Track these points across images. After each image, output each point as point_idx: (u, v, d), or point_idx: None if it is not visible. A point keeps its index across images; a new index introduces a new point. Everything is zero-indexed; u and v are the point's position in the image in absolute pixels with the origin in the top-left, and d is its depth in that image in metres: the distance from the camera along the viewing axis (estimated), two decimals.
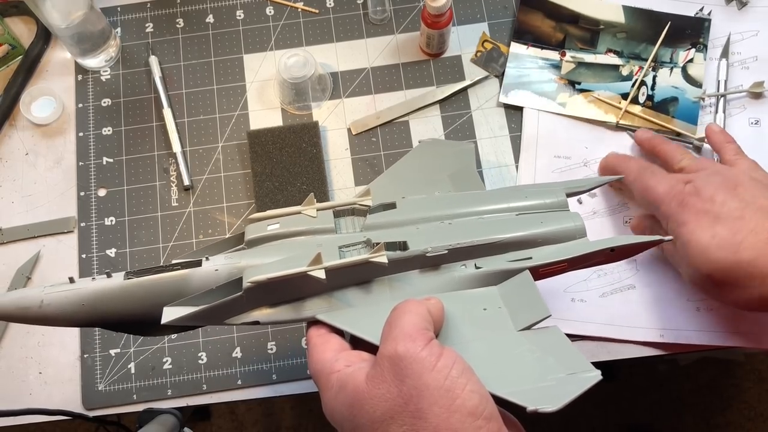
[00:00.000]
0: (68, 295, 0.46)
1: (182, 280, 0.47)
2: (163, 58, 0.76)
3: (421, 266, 0.49)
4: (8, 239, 0.71)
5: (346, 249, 0.49)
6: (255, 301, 0.47)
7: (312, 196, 0.52)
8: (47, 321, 0.47)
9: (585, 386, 0.41)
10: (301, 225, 0.50)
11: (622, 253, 0.52)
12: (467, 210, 0.53)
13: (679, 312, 0.65)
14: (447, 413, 0.37)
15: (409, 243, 0.48)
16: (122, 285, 0.47)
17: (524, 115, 0.72)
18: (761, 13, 0.75)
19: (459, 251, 0.49)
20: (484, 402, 0.38)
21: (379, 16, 0.77)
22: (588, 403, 1.37)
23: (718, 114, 0.71)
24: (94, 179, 0.72)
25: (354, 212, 0.53)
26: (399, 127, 0.73)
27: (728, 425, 1.38)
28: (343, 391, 0.41)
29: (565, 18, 0.75)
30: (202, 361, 0.67)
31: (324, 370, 0.43)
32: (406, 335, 0.40)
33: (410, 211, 0.52)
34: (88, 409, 0.66)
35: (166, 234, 0.70)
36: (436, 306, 0.44)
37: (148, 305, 0.47)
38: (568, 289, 0.67)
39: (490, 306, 0.48)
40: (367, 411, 0.39)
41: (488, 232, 0.50)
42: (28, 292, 0.46)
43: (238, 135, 0.74)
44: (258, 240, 0.50)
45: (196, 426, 1.37)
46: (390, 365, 0.39)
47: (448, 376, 0.38)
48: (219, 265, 0.48)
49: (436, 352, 0.39)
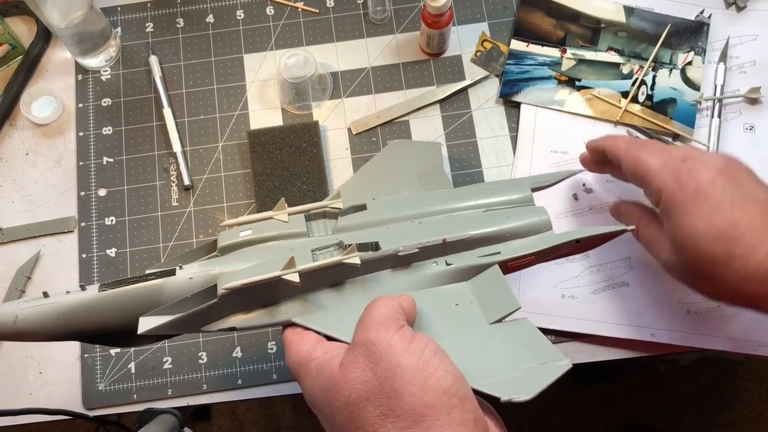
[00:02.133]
0: (43, 310, 0.46)
1: (157, 289, 0.47)
2: (164, 58, 0.76)
3: (393, 265, 0.50)
4: (8, 239, 0.71)
5: (319, 252, 0.50)
6: (231, 308, 0.47)
7: (283, 200, 0.52)
8: (23, 336, 0.47)
9: (556, 375, 0.42)
10: (273, 230, 0.51)
11: (588, 244, 0.54)
12: (436, 208, 0.54)
13: (670, 313, 0.65)
14: (421, 391, 0.37)
15: (381, 243, 0.49)
16: (97, 297, 0.47)
17: (522, 111, 0.73)
18: (760, 18, 0.75)
19: (430, 249, 0.50)
20: (458, 382, 0.39)
21: (380, 15, 0.77)
22: (588, 403, 1.37)
23: (713, 119, 0.71)
24: (95, 179, 0.72)
25: (325, 215, 0.54)
26: (399, 126, 0.73)
27: (728, 425, 1.38)
28: (320, 377, 0.41)
29: (566, 16, 0.75)
30: (203, 361, 0.67)
31: (303, 359, 0.43)
32: (377, 323, 0.41)
33: (381, 211, 0.53)
34: (88, 409, 0.66)
35: (167, 234, 0.70)
36: (408, 301, 0.45)
37: (123, 316, 0.47)
38: (558, 285, 0.67)
39: (461, 301, 0.49)
40: (342, 394, 0.39)
41: (457, 229, 0.51)
42: (3, 308, 0.46)
43: (239, 135, 0.74)
44: (231, 246, 0.50)
45: (196, 426, 1.37)
46: (363, 350, 0.40)
47: (421, 356, 0.39)
48: (193, 273, 0.48)
49: (408, 335, 0.40)
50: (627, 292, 0.66)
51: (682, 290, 0.66)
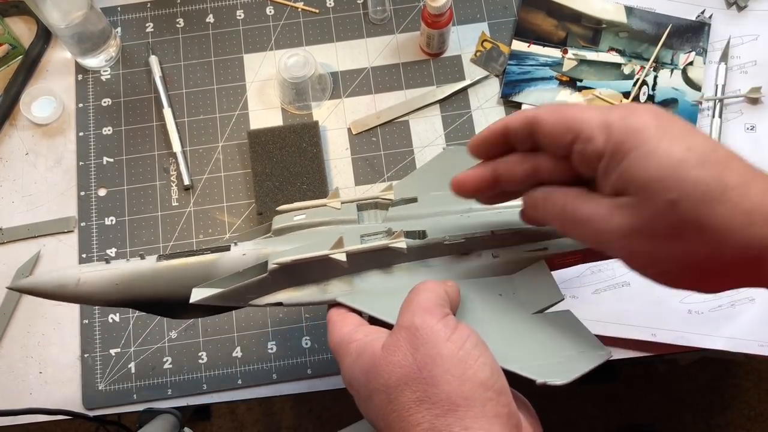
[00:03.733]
0: (104, 275, 0.48)
1: (211, 263, 0.49)
2: (163, 58, 0.76)
3: (440, 254, 0.51)
4: (8, 239, 0.71)
5: (368, 237, 0.51)
6: (279, 283, 0.49)
7: (337, 189, 0.54)
8: (82, 299, 0.49)
9: (594, 363, 0.42)
10: (325, 216, 0.52)
11: None
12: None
13: (671, 313, 0.65)
14: (459, 381, 0.37)
15: (428, 232, 0.50)
16: (154, 267, 0.49)
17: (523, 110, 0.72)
18: (761, 18, 0.75)
19: (477, 240, 0.50)
20: (495, 375, 0.39)
21: (379, 15, 0.77)
22: (588, 403, 1.37)
23: (714, 119, 0.71)
24: (95, 179, 0.72)
25: (377, 206, 0.55)
26: (399, 126, 0.73)
27: (728, 425, 1.38)
28: (360, 358, 0.42)
29: (567, 17, 0.75)
30: (203, 361, 0.67)
31: (344, 340, 0.44)
32: (423, 309, 0.41)
33: (431, 204, 0.54)
34: (88, 409, 0.66)
35: (167, 234, 0.70)
36: (453, 288, 0.45)
37: (178, 287, 0.49)
38: (560, 284, 0.66)
39: (505, 292, 0.50)
40: (382, 376, 0.39)
41: (506, 223, 0.51)
42: (67, 271, 0.48)
43: (238, 135, 0.74)
44: (284, 229, 0.52)
45: (196, 426, 1.37)
46: (406, 335, 0.40)
47: (462, 347, 0.39)
48: (247, 250, 0.50)
49: (452, 325, 0.40)
50: (628, 292, 0.66)
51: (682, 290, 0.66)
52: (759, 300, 0.65)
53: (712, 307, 0.65)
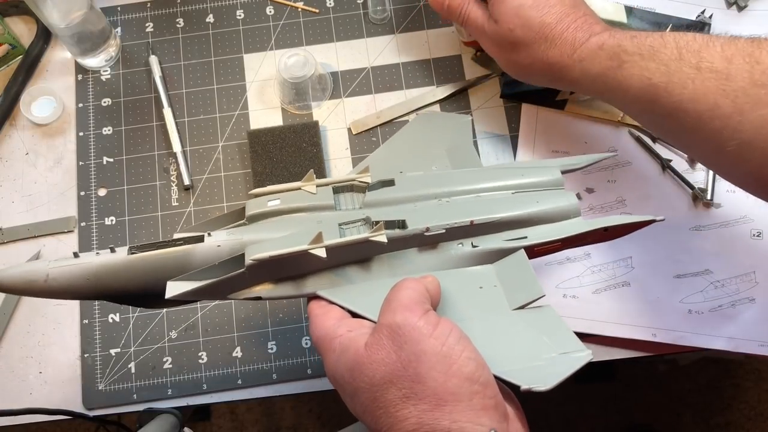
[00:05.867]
0: (73, 270, 0.47)
1: (185, 255, 0.48)
2: (163, 58, 0.76)
3: (419, 244, 0.50)
4: (8, 239, 0.71)
5: (346, 226, 0.50)
6: (257, 277, 0.48)
7: (312, 172, 0.52)
8: (52, 294, 0.48)
9: (575, 366, 0.42)
10: (301, 201, 0.51)
11: (616, 232, 0.53)
12: (465, 188, 0.54)
13: (671, 313, 0.65)
14: (444, 377, 0.38)
15: (408, 222, 0.49)
16: (126, 260, 0.47)
17: (523, 111, 0.72)
18: (761, 17, 0.75)
19: (456, 230, 0.50)
20: (480, 369, 0.39)
21: (379, 15, 0.77)
22: (588, 403, 1.37)
23: None
24: (95, 179, 0.72)
25: (353, 188, 0.54)
26: (399, 126, 0.73)
27: (728, 425, 1.38)
28: (344, 355, 0.42)
29: None
30: (203, 361, 0.67)
31: (327, 335, 0.44)
32: (403, 307, 0.41)
33: (408, 188, 0.53)
34: (88, 409, 0.66)
35: (167, 234, 0.70)
36: (432, 283, 0.46)
37: (151, 279, 0.48)
38: (560, 285, 0.67)
39: (485, 284, 0.49)
40: (366, 375, 0.40)
41: (485, 211, 0.51)
42: (34, 265, 0.47)
43: (238, 135, 0.74)
44: (259, 215, 0.51)
45: (196, 426, 1.37)
46: (389, 333, 0.40)
47: (445, 342, 0.39)
48: (221, 240, 0.48)
49: (433, 321, 0.41)
50: (628, 292, 0.66)
51: (683, 290, 0.66)
52: (759, 300, 0.65)
53: (712, 307, 0.65)
